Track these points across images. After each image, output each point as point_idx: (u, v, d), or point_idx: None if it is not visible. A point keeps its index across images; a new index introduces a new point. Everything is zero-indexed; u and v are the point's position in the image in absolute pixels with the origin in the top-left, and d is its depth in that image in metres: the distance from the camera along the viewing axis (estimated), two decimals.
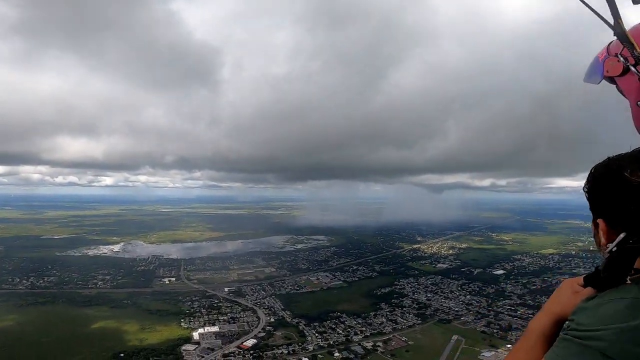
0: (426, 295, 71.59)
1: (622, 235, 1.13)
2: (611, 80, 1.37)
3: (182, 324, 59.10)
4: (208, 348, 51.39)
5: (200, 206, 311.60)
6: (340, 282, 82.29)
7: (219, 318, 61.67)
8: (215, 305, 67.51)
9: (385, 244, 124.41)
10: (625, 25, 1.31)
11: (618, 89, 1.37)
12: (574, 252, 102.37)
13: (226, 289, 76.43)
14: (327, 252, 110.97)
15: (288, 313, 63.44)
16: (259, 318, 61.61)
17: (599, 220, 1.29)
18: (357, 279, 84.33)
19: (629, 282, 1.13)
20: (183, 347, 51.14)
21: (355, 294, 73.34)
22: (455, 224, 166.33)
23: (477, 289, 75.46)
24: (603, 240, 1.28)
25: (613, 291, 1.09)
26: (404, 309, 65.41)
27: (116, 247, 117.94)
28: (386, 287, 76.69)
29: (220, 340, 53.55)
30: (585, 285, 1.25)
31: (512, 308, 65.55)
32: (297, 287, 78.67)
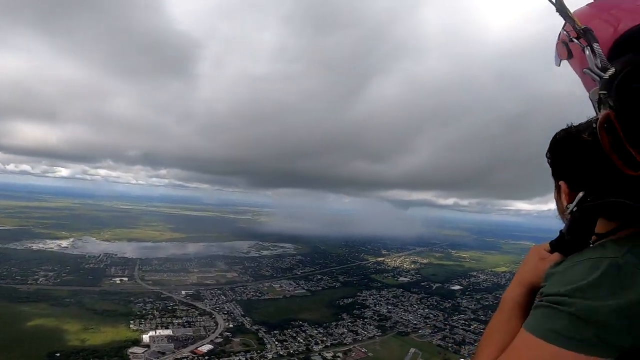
0: (387, 308, 72.66)
1: (580, 194, 1.15)
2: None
3: (131, 325, 55.50)
4: (159, 352, 48.51)
5: (164, 205, 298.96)
6: (304, 290, 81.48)
7: (173, 321, 58.62)
8: (170, 308, 64.29)
9: (351, 255, 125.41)
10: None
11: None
12: None
13: (183, 292, 73.13)
14: (292, 260, 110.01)
15: (248, 319, 61.65)
16: (217, 323, 59.30)
17: (561, 183, 1.32)
18: (320, 288, 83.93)
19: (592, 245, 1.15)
20: (130, 350, 48.02)
21: (317, 303, 72.71)
22: (419, 240, 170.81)
23: (435, 303, 77.53)
24: (565, 203, 1.30)
25: (578, 254, 1.11)
26: (365, 320, 65.71)
27: (64, 243, 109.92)
28: (349, 297, 76.89)
29: (172, 344, 50.86)
30: (551, 251, 1.26)
31: (466, 323, 67.80)
32: (259, 293, 76.84)
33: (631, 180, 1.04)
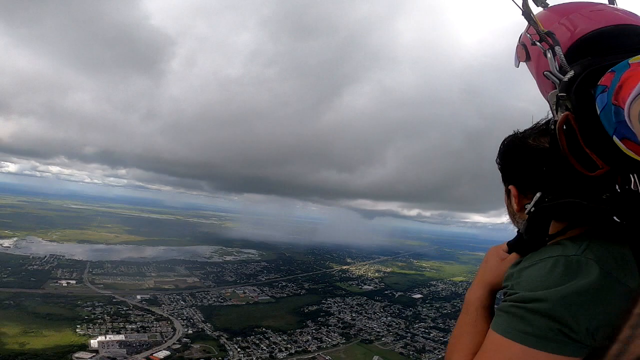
0: (351, 315, 72.83)
1: (538, 195, 1.15)
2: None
3: (77, 330, 51.44)
4: (108, 357, 45.34)
5: (120, 207, 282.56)
6: (268, 297, 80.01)
7: (126, 326, 55.02)
8: (122, 312, 60.36)
9: (316, 262, 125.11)
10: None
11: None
12: None
13: (139, 297, 68.95)
14: (256, 267, 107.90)
15: (209, 325, 59.18)
16: (174, 329, 56.41)
17: (511, 187, 1.32)
18: (285, 295, 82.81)
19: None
20: (76, 355, 44.55)
21: (282, 310, 71.53)
22: (383, 249, 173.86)
23: (398, 311, 78.74)
24: (515, 206, 1.31)
25: (536, 253, 1.11)
26: (330, 327, 65.37)
27: (7, 242, 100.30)
28: (314, 305, 76.33)
29: (125, 350, 47.86)
30: (509, 251, 1.27)
31: (426, 331, 69.19)
32: (222, 299, 74.37)
33: (584, 180, 1.06)
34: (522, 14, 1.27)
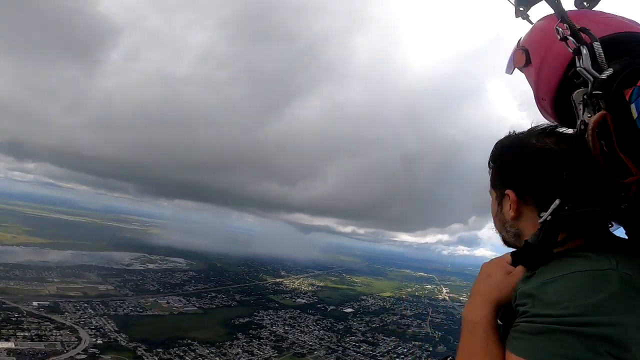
0: (284, 328, 71.38)
1: (557, 202, 1.03)
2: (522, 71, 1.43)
3: None
4: None
5: (24, 204, 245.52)
6: (195, 308, 74.59)
7: (17, 334, 47.87)
8: (13, 319, 52.15)
9: (249, 274, 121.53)
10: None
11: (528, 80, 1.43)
12: (404, 296, 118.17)
13: (35, 303, 59.76)
14: (183, 276, 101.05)
15: (123, 336, 53.41)
16: (80, 338, 50.25)
17: (508, 192, 1.20)
18: (214, 306, 78.27)
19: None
20: None
21: (210, 321, 66.93)
22: (317, 264, 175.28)
23: (330, 325, 78.89)
24: (511, 213, 1.20)
25: (552, 267, 0.99)
26: (262, 340, 63.04)
27: None
28: (245, 317, 73.23)
29: (15, 358, 42.03)
30: (515, 264, 1.12)
31: (357, 344, 69.90)
32: (140, 309, 67.44)
33: (606, 189, 1.00)
34: (554, 9, 1.20)
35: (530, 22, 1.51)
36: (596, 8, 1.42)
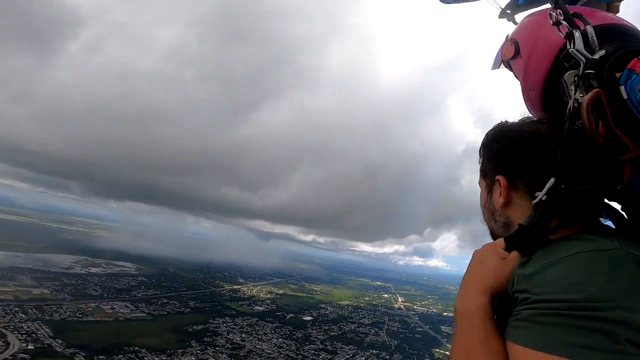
0: (241, 336, 68.90)
1: (552, 181, 0.99)
2: (508, 65, 1.45)
3: None
4: None
5: None
6: (144, 314, 69.67)
7: None
8: None
9: (205, 280, 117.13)
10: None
11: (515, 76, 1.45)
12: (362, 305, 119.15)
13: None
14: (131, 281, 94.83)
15: (59, 342, 48.41)
16: (8, 343, 45.18)
17: (499, 177, 1.19)
18: (165, 313, 73.73)
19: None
20: None
21: (161, 328, 62.60)
22: (276, 271, 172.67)
23: (288, 333, 77.51)
24: (501, 200, 1.18)
25: (550, 251, 0.93)
26: (217, 348, 59.88)
27: None
28: (199, 324, 69.77)
29: None
30: (509, 249, 1.04)
31: (316, 353, 68.93)
32: (80, 314, 61.67)
33: (601, 167, 0.99)
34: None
35: (515, 22, 1.58)
36: None
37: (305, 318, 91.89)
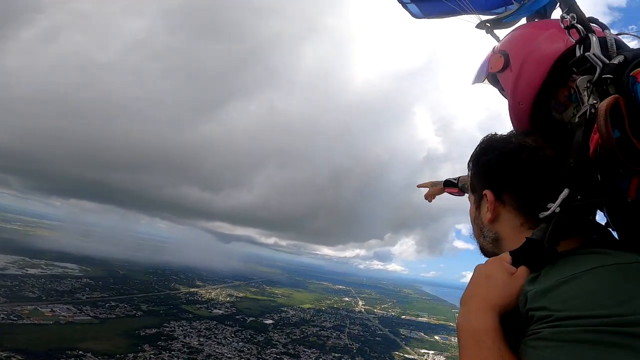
0: (199, 340, 65.86)
1: (565, 192, 0.94)
2: (494, 79, 1.42)
3: None
4: None
5: None
6: (89, 317, 64.34)
7: None
8: None
9: (159, 283, 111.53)
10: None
11: (500, 90, 1.44)
12: (324, 308, 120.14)
13: None
14: (75, 283, 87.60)
15: None
16: None
17: (486, 192, 1.14)
18: (114, 316, 68.78)
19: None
20: None
21: (109, 332, 57.98)
22: (236, 274, 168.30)
23: (249, 337, 75.50)
24: (489, 215, 1.13)
25: (562, 266, 0.87)
26: (173, 352, 56.44)
27: None
28: (153, 327, 65.73)
29: None
30: (516, 263, 0.97)
31: (278, 357, 67.52)
32: (15, 317, 55.49)
33: (611, 179, 0.94)
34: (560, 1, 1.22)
35: (494, 36, 1.56)
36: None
37: (266, 321, 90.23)
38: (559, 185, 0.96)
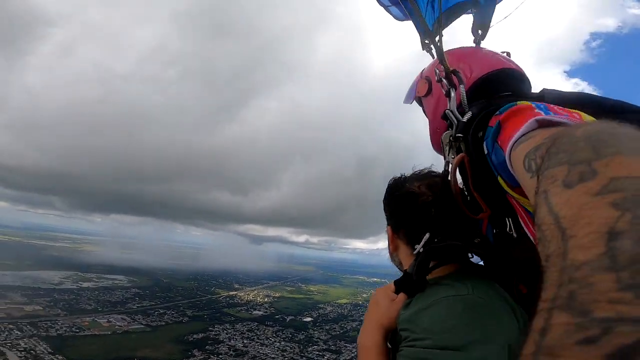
0: (243, 342, 67.68)
1: (427, 236, 1.17)
2: (420, 101, 1.51)
3: None
4: None
5: None
6: (142, 325, 67.72)
7: None
8: None
9: (200, 289, 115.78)
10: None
11: (424, 111, 1.51)
12: (361, 302, 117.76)
13: None
14: (125, 294, 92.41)
15: (60, 358, 47.10)
16: None
17: (387, 228, 1.35)
18: (164, 323, 71.88)
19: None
20: None
21: (161, 339, 61.04)
22: (271, 274, 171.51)
23: (290, 336, 76.60)
24: (391, 246, 1.34)
25: (427, 294, 1.08)
26: (220, 356, 58.37)
27: None
28: (199, 332, 68.22)
29: None
30: (397, 291, 1.18)
31: (320, 353, 68.14)
32: (77, 329, 59.81)
33: (465, 224, 1.15)
34: (434, 50, 1.29)
35: (432, 56, 1.58)
36: (491, 35, 1.59)
37: (305, 319, 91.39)
38: (455, 227, 1.16)
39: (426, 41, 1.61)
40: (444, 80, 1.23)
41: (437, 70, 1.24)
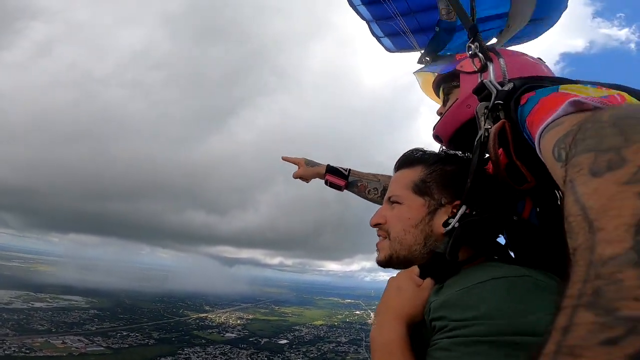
0: None
1: (463, 209, 1.00)
2: (453, 77, 1.54)
3: None
4: None
5: None
6: (102, 348, 62.10)
7: None
8: None
9: (167, 310, 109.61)
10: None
11: (445, 89, 1.57)
12: (336, 324, 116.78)
13: None
14: (83, 315, 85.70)
15: None
16: None
17: (458, 203, 1.12)
18: (127, 345, 66.55)
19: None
20: None
21: None
22: (243, 296, 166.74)
23: (266, 359, 74.36)
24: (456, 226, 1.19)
25: (463, 277, 0.91)
26: None
27: None
28: (167, 355, 63.92)
29: None
30: (423, 276, 1.00)
31: None
32: (27, 349, 53.79)
33: (503, 197, 1.05)
34: (470, 28, 1.31)
35: (430, 69, 1.69)
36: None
37: (280, 342, 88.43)
38: (492, 199, 1.03)
39: (427, 58, 1.71)
40: (480, 54, 1.21)
41: (472, 46, 1.22)
